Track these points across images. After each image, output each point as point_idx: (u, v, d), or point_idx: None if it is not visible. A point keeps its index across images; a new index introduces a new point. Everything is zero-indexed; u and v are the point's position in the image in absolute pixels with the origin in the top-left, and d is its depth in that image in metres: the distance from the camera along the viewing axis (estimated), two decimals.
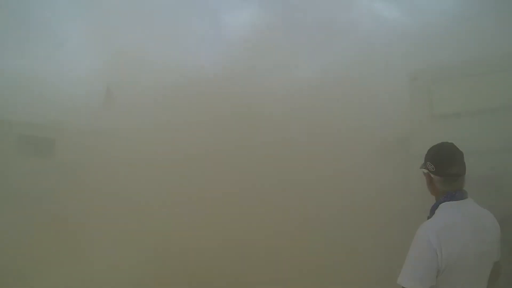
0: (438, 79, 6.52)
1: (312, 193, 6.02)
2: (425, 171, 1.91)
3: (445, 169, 1.82)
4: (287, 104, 7.50)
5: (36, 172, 8.03)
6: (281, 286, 4.74)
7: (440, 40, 6.88)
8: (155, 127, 7.20)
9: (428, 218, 1.86)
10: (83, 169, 7.22)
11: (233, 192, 6.19)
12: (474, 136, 5.50)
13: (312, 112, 7.14)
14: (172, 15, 9.09)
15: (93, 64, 9.14)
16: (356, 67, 7.39)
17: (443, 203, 1.83)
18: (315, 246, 5.17)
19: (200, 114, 7.12)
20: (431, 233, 1.69)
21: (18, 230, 5.79)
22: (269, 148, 6.61)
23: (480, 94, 5.94)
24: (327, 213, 5.62)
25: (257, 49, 7.91)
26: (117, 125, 7.82)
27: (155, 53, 8.47)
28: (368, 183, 5.85)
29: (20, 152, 9.05)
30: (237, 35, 8.95)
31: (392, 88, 6.95)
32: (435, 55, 6.78)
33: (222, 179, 6.44)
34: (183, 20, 9.13)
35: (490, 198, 4.76)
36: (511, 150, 5.47)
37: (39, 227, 5.90)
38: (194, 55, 8.77)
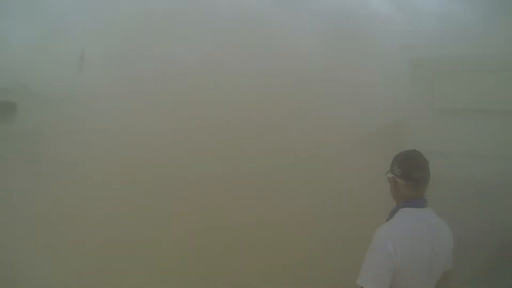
0: (442, 70, 6.13)
1: (304, 187, 5.73)
2: (390, 175, 1.98)
3: (411, 173, 1.88)
4: (280, 93, 7.02)
5: None
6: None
7: (447, 30, 6.70)
8: (132, 95, 6.69)
9: (387, 220, 1.93)
10: (49, 138, 6.64)
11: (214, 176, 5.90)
12: (473, 137, 5.38)
13: (306, 102, 6.80)
14: None
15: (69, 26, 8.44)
16: (353, 53, 7.16)
17: (402, 209, 1.89)
18: (305, 241, 4.98)
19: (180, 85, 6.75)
20: (389, 240, 1.75)
21: None
22: (261, 140, 6.32)
23: (485, 92, 5.66)
24: (321, 210, 5.39)
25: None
26: (91, 92, 7.23)
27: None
28: (362, 178, 5.42)
29: None
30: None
31: (392, 74, 6.67)
32: (440, 46, 6.56)
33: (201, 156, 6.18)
34: None
35: (489, 201, 4.74)
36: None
37: None
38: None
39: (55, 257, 4.57)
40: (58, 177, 5.73)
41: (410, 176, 1.89)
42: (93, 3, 8.14)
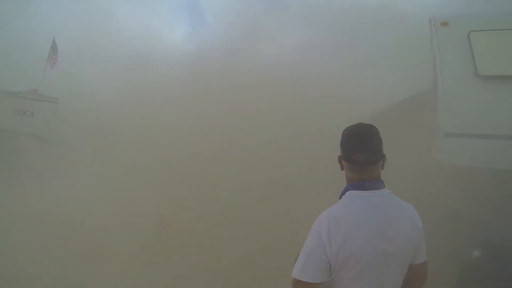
0: (477, 28, 4.99)
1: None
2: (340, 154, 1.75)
3: (351, 155, 1.66)
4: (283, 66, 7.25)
5: None
6: None
7: None
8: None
9: None
10: None
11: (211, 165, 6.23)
12: None
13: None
14: None
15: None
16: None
17: (348, 191, 1.66)
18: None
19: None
20: (323, 225, 1.55)
21: None
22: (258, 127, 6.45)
23: None
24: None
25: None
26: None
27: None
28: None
29: None
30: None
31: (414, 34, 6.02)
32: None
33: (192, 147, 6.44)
34: None
35: None
36: None
37: None
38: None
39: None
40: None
41: (350, 158, 1.67)
42: None
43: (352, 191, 1.65)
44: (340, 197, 1.69)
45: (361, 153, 1.63)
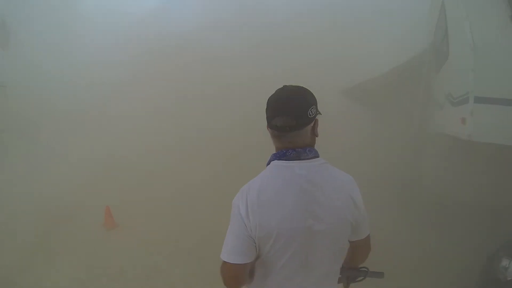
0: None
1: None
2: None
3: (271, 119, 1.44)
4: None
5: None
6: None
7: None
8: None
9: None
10: None
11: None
12: None
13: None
14: None
15: None
16: None
17: (273, 161, 1.46)
18: None
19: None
20: (242, 199, 1.39)
21: None
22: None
23: None
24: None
25: None
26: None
27: None
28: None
29: None
30: None
31: None
32: None
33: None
34: None
35: None
36: None
37: None
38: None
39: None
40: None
41: (270, 123, 1.44)
42: None
43: (275, 161, 1.45)
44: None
45: (280, 117, 1.41)
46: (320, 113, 1.47)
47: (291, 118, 1.38)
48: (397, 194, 5.29)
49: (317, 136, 1.49)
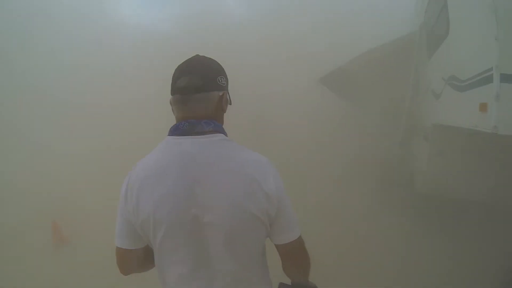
0: None
1: None
2: None
3: (173, 85, 1.26)
4: None
5: None
6: None
7: None
8: None
9: None
10: None
11: None
12: None
13: None
14: None
15: None
16: None
17: (167, 137, 1.26)
18: None
19: None
20: (125, 178, 1.23)
21: None
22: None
23: None
24: None
25: None
26: None
27: None
28: None
29: None
30: None
31: None
32: None
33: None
34: None
35: None
36: None
37: None
38: None
39: None
40: None
41: (173, 88, 1.25)
42: None
43: (168, 137, 1.24)
44: None
45: (185, 76, 1.21)
46: (229, 100, 1.33)
47: (198, 77, 1.22)
48: (389, 194, 4.68)
49: (224, 112, 1.31)
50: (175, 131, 1.22)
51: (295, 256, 1.29)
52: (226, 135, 1.26)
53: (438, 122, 4.03)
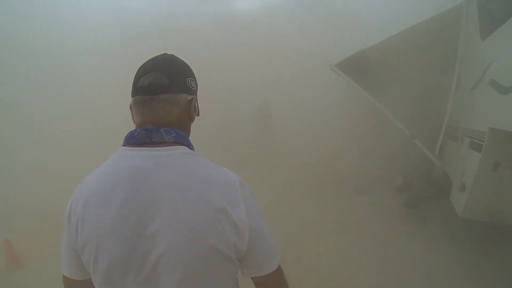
0: None
1: None
2: None
3: (135, 84, 1.06)
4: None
5: None
6: None
7: None
8: None
9: None
10: None
11: None
12: None
13: None
14: None
15: None
16: None
17: (120, 147, 1.06)
18: None
19: None
20: (70, 199, 1.04)
21: None
22: None
23: None
24: None
25: None
26: None
27: None
28: None
29: None
30: None
31: None
32: None
33: None
34: None
35: None
36: None
37: None
38: None
39: None
40: None
41: (135, 87, 1.05)
42: None
43: (121, 148, 1.04)
44: None
45: (149, 73, 1.01)
46: (198, 110, 1.13)
47: (164, 75, 1.02)
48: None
49: (192, 121, 1.11)
50: (130, 139, 1.01)
51: (275, 287, 1.10)
52: (191, 147, 1.06)
53: (498, 125, 2.90)
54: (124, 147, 1.02)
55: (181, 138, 1.03)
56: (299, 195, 5.11)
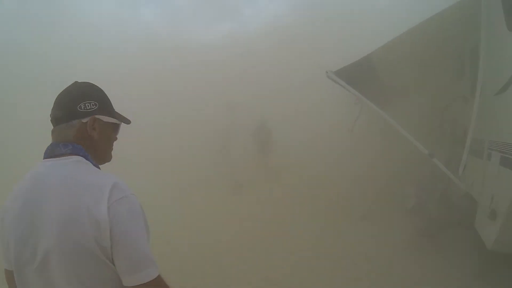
0: None
1: None
2: None
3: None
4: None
5: None
6: None
7: None
8: None
9: None
10: None
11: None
12: None
13: None
14: None
15: None
16: None
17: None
18: None
19: None
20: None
21: None
22: None
23: None
24: None
25: None
26: None
27: None
28: None
29: None
30: None
31: None
32: None
33: None
34: None
35: None
36: None
37: None
38: None
39: None
40: None
41: None
42: None
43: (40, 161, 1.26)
44: None
45: (53, 109, 1.27)
46: (117, 120, 1.33)
47: (58, 109, 1.25)
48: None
49: (94, 138, 1.25)
50: (44, 154, 1.23)
51: None
52: (87, 157, 1.22)
53: None
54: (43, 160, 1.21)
55: (77, 150, 1.20)
56: (289, 224, 4.60)
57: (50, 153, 1.19)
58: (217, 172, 6.78)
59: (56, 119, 1.22)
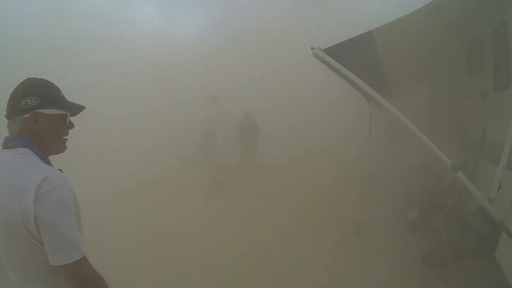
0: None
1: None
2: None
3: None
4: None
5: None
6: None
7: None
8: None
9: None
10: None
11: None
12: None
13: None
14: None
15: None
16: None
17: None
18: None
19: None
20: None
21: None
22: None
23: None
24: None
25: None
26: None
27: None
28: None
29: None
30: None
31: None
32: None
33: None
34: None
35: None
36: None
37: None
38: None
39: None
40: None
41: None
42: None
43: None
44: None
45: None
46: (63, 110, 1.42)
47: (7, 107, 1.40)
48: None
49: (36, 132, 1.36)
50: (2, 146, 1.39)
51: (71, 282, 1.26)
52: (34, 150, 1.33)
53: None
54: None
55: (24, 142, 1.33)
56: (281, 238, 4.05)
57: (5, 145, 1.35)
58: (194, 170, 6.19)
59: (6, 116, 1.37)
